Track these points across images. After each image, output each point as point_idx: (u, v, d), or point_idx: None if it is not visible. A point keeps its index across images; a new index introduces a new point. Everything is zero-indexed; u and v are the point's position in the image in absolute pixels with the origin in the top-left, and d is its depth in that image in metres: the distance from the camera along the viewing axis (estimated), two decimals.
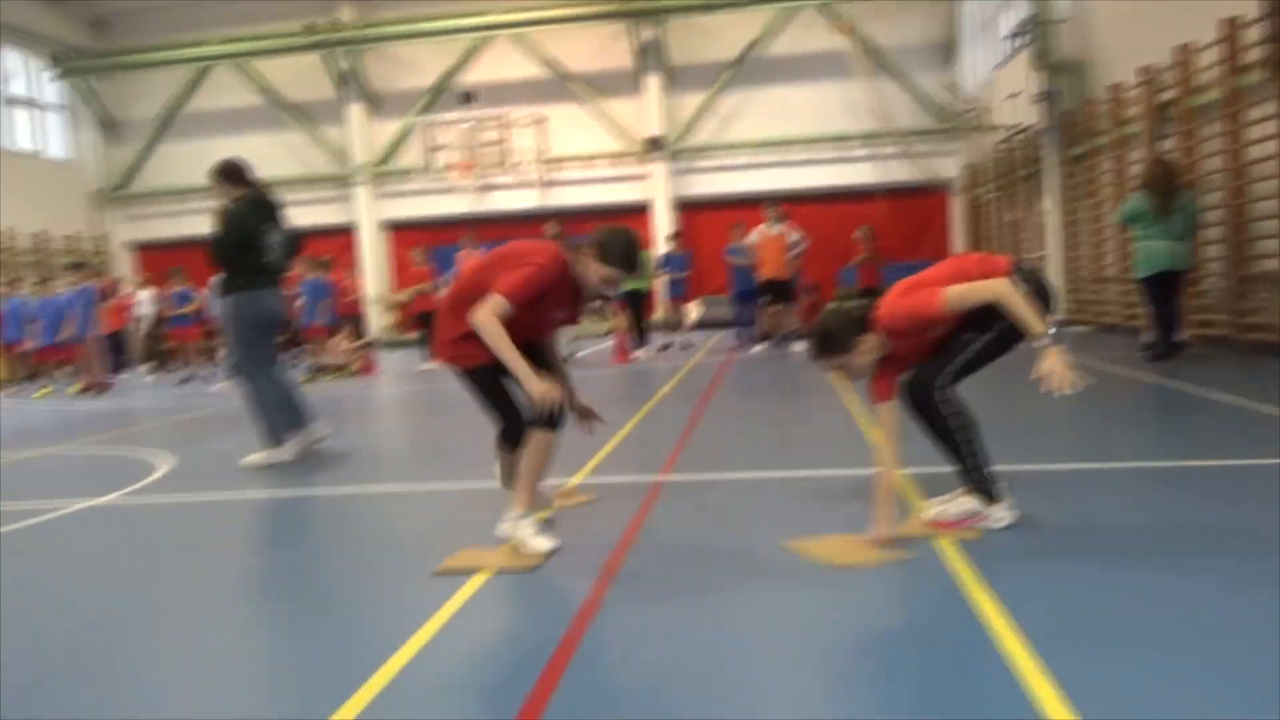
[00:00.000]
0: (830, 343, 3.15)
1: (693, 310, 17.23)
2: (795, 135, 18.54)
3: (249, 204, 5.49)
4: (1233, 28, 8.18)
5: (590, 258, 3.31)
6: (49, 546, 4.04)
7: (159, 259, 20.47)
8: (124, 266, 20.54)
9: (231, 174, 5.52)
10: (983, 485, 3.13)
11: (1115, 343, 9.66)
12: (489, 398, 3.51)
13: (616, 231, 3.40)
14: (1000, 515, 3.13)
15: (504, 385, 3.46)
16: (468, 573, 3.07)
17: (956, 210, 18.44)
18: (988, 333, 3.05)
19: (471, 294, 3.32)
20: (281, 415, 5.51)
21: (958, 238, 18.49)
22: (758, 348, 11.76)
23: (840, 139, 18.37)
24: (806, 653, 2.39)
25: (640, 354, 11.87)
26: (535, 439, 3.25)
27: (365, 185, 19.74)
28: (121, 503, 4.77)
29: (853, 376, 3.25)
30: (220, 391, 11.39)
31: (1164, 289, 7.89)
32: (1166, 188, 7.79)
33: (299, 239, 5.86)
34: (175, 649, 2.74)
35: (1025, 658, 2.16)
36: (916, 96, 18.16)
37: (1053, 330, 2.94)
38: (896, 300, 3.12)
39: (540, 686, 2.20)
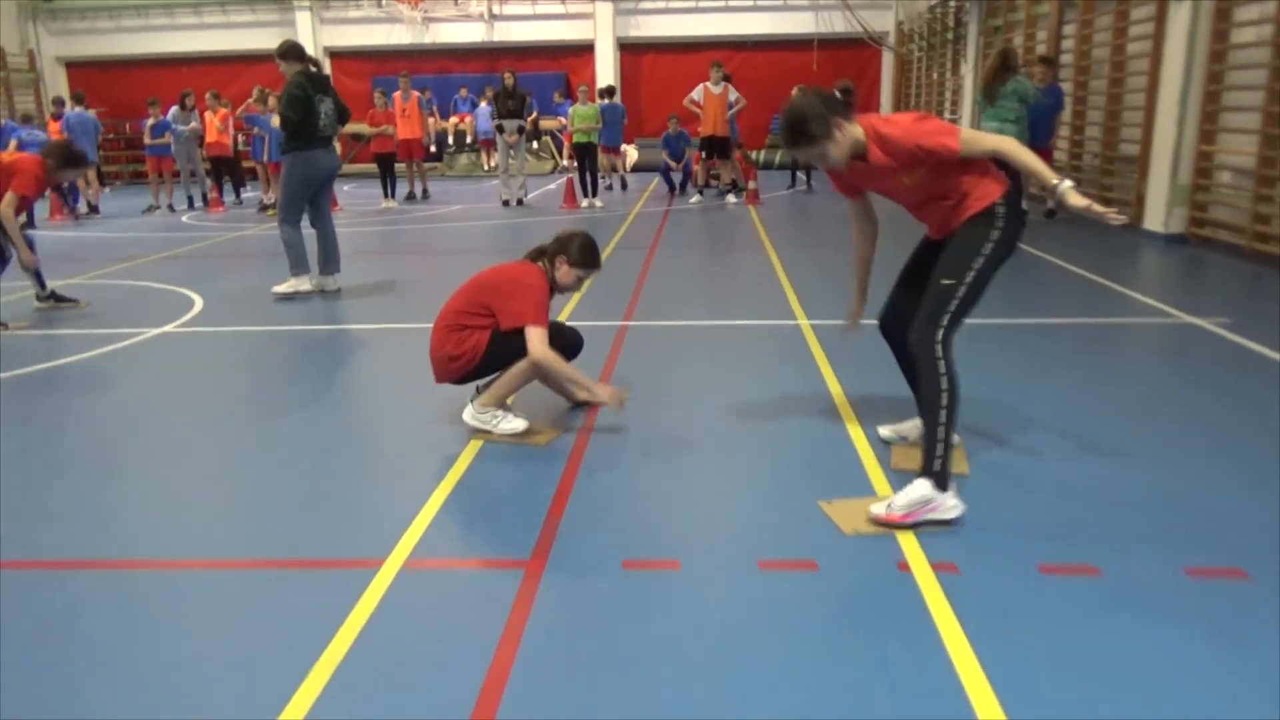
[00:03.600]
0: (804, 128, 2.85)
1: (631, 153, 18.09)
2: None
3: (307, 78, 6.53)
4: None
5: (562, 263, 3.79)
6: (138, 367, 5.15)
7: (92, 77, 20.21)
8: (57, 84, 20.23)
9: (291, 54, 6.58)
10: (939, 468, 2.88)
11: None
12: (504, 360, 3.76)
13: (575, 235, 3.81)
14: (950, 504, 2.89)
15: (499, 350, 3.75)
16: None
17: (886, 67, 19.32)
18: (975, 262, 2.91)
19: (467, 317, 3.74)
20: (303, 254, 6.82)
21: (885, 94, 19.47)
22: (695, 198, 12.87)
23: None
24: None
25: (597, 201, 12.81)
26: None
27: (307, 10, 19.57)
28: (180, 331, 5.87)
29: (825, 164, 2.99)
30: (190, 220, 12.12)
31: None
32: (990, 78, 8.31)
33: (347, 108, 6.90)
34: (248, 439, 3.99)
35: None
36: None
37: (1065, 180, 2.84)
38: (910, 125, 2.87)
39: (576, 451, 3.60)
